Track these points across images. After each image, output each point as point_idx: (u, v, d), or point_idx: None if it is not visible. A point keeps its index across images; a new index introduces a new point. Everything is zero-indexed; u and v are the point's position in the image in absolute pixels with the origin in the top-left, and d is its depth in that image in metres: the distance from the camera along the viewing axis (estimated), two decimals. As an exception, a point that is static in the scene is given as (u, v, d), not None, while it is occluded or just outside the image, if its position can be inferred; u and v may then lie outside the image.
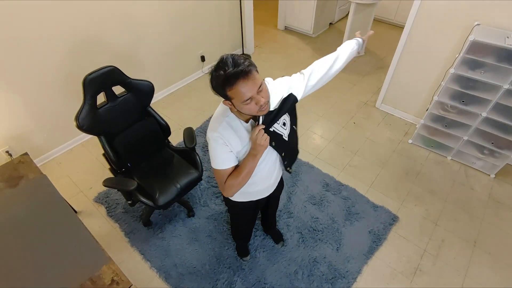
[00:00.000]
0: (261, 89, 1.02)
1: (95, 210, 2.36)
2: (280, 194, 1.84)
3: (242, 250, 2.07)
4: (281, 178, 1.62)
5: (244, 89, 0.98)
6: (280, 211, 2.33)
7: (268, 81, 1.24)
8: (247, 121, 1.16)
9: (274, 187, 1.52)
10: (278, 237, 2.17)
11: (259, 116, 1.13)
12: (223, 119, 1.14)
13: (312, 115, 3.23)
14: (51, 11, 2.20)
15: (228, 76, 0.96)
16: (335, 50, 1.49)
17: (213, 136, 1.14)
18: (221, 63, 0.98)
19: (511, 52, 2.06)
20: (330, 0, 4.49)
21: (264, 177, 1.38)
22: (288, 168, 1.46)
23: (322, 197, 2.43)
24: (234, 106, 1.06)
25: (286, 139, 1.31)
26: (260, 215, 2.17)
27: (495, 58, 2.15)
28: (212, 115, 1.23)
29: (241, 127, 1.16)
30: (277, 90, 1.21)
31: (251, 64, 0.99)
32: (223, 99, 1.08)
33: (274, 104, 1.19)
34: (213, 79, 1.02)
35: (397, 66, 2.90)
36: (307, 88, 1.30)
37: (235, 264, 2.04)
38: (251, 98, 1.01)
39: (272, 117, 1.19)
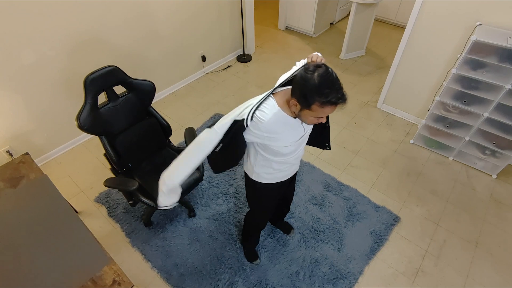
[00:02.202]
0: None
1: (96, 210, 2.35)
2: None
3: (251, 254, 2.06)
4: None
5: (327, 113, 1.07)
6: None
7: None
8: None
9: (297, 168, 1.58)
10: (287, 228, 2.19)
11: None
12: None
13: (313, 115, 3.22)
14: (53, 10, 2.19)
15: (330, 101, 1.01)
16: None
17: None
18: (329, 82, 1.01)
19: (513, 52, 2.06)
20: (331, 0, 4.49)
21: (297, 157, 1.42)
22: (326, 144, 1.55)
23: (324, 198, 2.43)
24: (299, 109, 1.09)
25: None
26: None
27: (497, 58, 2.15)
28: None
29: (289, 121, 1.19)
30: None
31: (346, 96, 1.05)
32: (292, 97, 1.09)
33: None
34: (313, 88, 1.01)
35: (398, 66, 2.90)
36: None
37: (236, 265, 2.04)
38: (321, 117, 1.11)
39: None
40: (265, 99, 1.18)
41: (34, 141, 2.57)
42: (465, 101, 2.43)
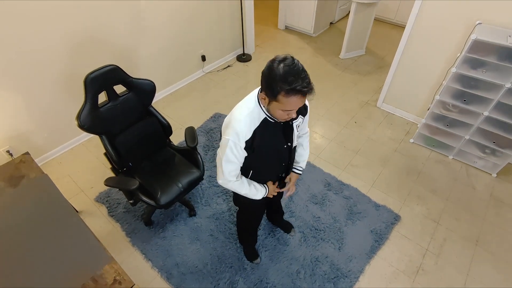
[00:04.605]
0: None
1: (96, 210, 2.35)
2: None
3: (251, 253, 2.06)
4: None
5: (294, 104, 1.04)
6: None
7: None
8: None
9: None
10: (287, 227, 2.19)
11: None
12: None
13: (313, 114, 3.23)
14: (53, 10, 2.19)
15: (295, 89, 0.99)
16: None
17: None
18: (294, 71, 0.99)
19: (513, 51, 2.06)
20: (331, 0, 4.49)
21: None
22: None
23: (324, 197, 2.43)
24: (267, 103, 1.10)
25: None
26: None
27: (496, 57, 2.15)
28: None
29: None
30: None
31: (312, 86, 1.03)
32: (261, 91, 1.11)
33: None
34: (278, 77, 1.00)
35: (398, 65, 2.90)
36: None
37: (237, 264, 2.04)
38: (289, 111, 1.08)
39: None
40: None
41: (34, 141, 2.57)
42: (465, 100, 2.43)
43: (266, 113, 1.19)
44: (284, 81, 0.98)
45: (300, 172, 1.61)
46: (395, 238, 2.19)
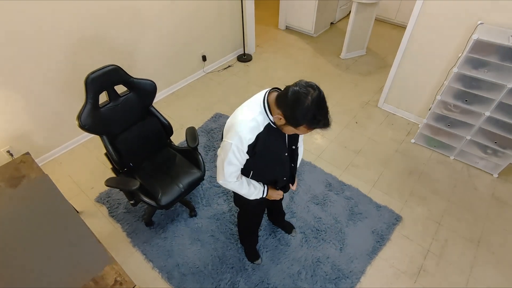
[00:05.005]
0: None
1: (96, 210, 2.34)
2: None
3: (252, 254, 2.05)
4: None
5: (309, 131, 1.13)
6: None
7: None
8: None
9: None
10: (289, 227, 2.19)
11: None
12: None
13: (314, 114, 3.22)
14: (53, 9, 2.19)
15: (319, 125, 1.08)
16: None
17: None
18: (320, 107, 1.04)
19: (515, 51, 2.05)
20: (331, 0, 4.49)
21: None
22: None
23: (325, 197, 2.42)
24: (283, 123, 1.12)
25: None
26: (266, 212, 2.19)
27: (498, 57, 2.14)
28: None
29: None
30: None
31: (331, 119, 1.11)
32: (275, 113, 1.13)
33: None
34: (306, 113, 1.03)
35: (399, 65, 2.90)
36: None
37: (238, 264, 2.03)
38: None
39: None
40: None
41: (35, 141, 2.56)
42: (466, 100, 2.42)
43: (271, 119, 1.18)
44: (311, 119, 1.04)
45: None
46: (397, 238, 2.18)
